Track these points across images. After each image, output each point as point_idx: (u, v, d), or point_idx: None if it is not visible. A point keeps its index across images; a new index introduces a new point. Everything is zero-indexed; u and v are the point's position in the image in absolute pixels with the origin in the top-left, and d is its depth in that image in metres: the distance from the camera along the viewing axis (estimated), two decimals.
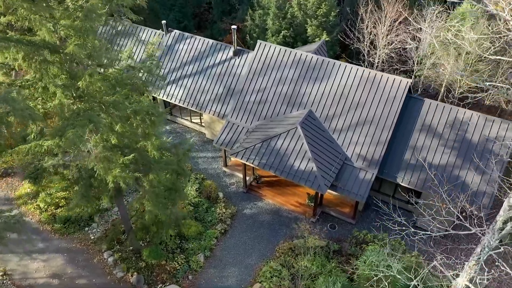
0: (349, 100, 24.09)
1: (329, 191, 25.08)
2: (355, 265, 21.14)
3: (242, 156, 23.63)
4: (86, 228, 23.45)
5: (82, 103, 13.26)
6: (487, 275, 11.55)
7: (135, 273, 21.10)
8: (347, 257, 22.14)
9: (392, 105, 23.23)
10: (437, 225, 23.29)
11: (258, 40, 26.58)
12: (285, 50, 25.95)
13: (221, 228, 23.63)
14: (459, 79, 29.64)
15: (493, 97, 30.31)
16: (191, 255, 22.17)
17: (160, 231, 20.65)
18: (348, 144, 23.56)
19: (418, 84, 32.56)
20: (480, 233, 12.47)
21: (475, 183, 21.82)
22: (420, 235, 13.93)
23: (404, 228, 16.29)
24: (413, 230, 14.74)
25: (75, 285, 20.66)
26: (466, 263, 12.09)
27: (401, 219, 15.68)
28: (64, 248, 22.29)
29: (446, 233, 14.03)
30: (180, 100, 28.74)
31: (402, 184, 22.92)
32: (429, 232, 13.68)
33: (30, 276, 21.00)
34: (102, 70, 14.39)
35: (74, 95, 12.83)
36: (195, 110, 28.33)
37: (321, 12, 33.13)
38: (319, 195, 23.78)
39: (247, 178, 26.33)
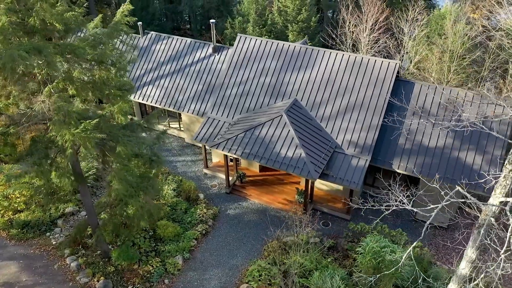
0: (336, 86, 22.73)
1: (319, 186, 23.10)
2: (353, 258, 18.82)
3: (224, 147, 21.63)
4: (48, 233, 20.58)
5: (33, 39, 11.39)
6: None
7: (102, 278, 18.20)
8: (343, 253, 19.78)
9: (381, 88, 21.94)
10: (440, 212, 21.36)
11: (238, 34, 25.49)
12: (267, 42, 24.83)
13: (202, 228, 21.09)
14: (446, 75, 28.90)
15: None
16: (167, 257, 19.46)
17: (131, 225, 18.11)
18: (337, 131, 21.89)
19: None
20: None
21: (476, 164, 20.18)
22: None
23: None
24: None
25: None
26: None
27: None
28: (20, 255, 19.30)
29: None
30: (156, 101, 26.94)
31: (398, 171, 21.11)
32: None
33: None
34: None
35: (22, 24, 10.96)
36: (173, 110, 26.51)
37: (302, 17, 32.68)
38: (309, 189, 21.68)
39: (230, 178, 24.14)
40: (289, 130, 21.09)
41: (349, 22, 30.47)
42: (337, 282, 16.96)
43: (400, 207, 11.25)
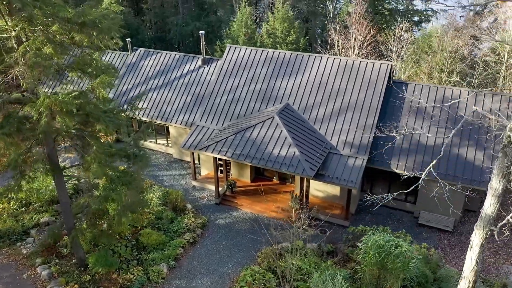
0: (328, 89, 22.23)
1: (315, 193, 21.84)
2: (355, 260, 17.23)
3: (213, 150, 20.54)
4: (19, 243, 18.72)
5: None
6: None
7: (76, 287, 16.22)
8: (344, 258, 18.17)
9: (374, 89, 21.47)
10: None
11: (227, 44, 25.31)
12: (257, 50, 24.60)
13: (189, 237, 19.41)
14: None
15: None
16: (151, 265, 17.61)
17: (111, 227, 16.54)
18: (332, 133, 21.07)
19: None
20: None
21: (478, 160, 19.31)
22: None
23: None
24: None
25: None
26: None
27: None
28: None
29: None
30: (143, 114, 26.03)
31: (397, 171, 20.08)
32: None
33: None
34: None
35: None
36: (160, 122, 25.56)
37: (291, 39, 33.00)
38: (305, 192, 20.39)
39: (220, 188, 22.75)
40: (281, 130, 20.22)
41: (338, 41, 30.77)
42: (339, 281, 15.28)
43: (413, 132, 10.32)
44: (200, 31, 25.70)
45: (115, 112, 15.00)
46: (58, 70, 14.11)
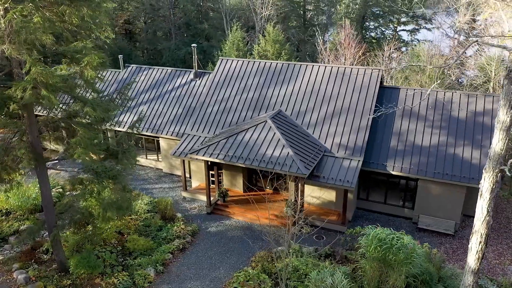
0: (320, 94, 22.14)
1: (310, 201, 21.12)
2: (355, 260, 16.31)
3: (205, 153, 19.95)
4: None
5: None
6: None
7: None
8: (342, 260, 17.22)
9: (367, 93, 21.42)
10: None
11: (219, 57, 25.42)
12: (248, 62, 24.72)
13: (178, 243, 18.36)
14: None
15: None
16: (137, 270, 16.44)
17: (95, 225, 15.60)
18: (325, 136, 20.72)
19: None
20: None
21: (475, 158, 18.95)
22: None
23: None
24: None
25: None
26: None
27: None
28: None
29: None
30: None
31: (393, 172, 19.59)
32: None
33: None
34: None
35: None
36: (151, 134, 25.06)
37: (282, 60, 33.39)
38: (299, 196, 19.63)
39: (212, 198, 21.90)
40: (274, 133, 19.82)
41: (328, 60, 31.23)
42: (339, 277, 14.29)
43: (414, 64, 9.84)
44: (192, 44, 25.89)
45: (103, 99, 14.59)
46: (46, 56, 13.86)
